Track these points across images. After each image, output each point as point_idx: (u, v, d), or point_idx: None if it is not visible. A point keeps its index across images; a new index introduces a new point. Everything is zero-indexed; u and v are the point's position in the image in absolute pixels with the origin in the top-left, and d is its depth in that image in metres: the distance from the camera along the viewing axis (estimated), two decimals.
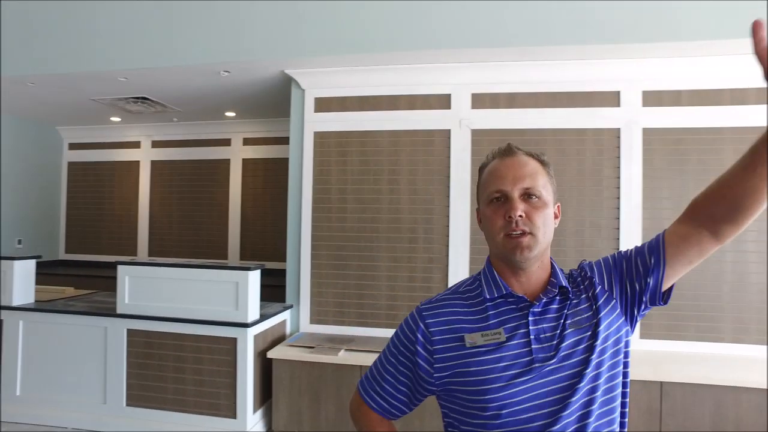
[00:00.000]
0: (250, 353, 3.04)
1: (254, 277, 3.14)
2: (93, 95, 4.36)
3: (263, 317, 3.19)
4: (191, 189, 5.52)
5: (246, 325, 3.01)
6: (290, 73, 3.49)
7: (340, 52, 3.15)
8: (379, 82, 3.37)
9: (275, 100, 4.16)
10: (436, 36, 2.98)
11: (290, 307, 3.55)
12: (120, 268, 3.29)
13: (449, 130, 3.28)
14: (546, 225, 0.95)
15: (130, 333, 3.20)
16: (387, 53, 3.10)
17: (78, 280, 4.77)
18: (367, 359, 2.92)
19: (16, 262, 3.48)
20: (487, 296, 0.97)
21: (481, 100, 3.25)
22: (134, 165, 5.71)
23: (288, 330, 3.55)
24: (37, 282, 3.73)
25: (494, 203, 0.97)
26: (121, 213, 5.70)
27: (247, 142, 5.38)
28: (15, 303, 3.43)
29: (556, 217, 1.00)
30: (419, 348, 0.98)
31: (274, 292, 3.94)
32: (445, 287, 3.23)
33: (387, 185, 3.37)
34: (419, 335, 0.98)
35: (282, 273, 3.77)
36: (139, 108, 4.76)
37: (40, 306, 3.47)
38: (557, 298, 0.96)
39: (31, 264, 3.59)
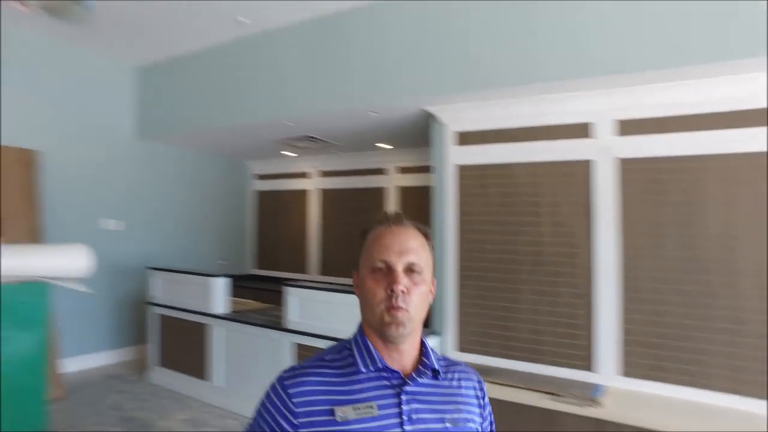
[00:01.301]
0: None
1: None
2: (270, 137, 5.11)
3: None
4: (352, 214, 6.05)
5: None
6: (429, 109, 3.68)
7: (477, 88, 3.24)
8: (517, 113, 3.36)
9: (421, 132, 4.40)
10: (577, 65, 2.89)
11: (436, 333, 3.71)
12: (284, 288, 3.82)
13: (592, 161, 3.12)
14: (422, 302, 0.95)
15: (295, 346, 3.68)
16: (525, 86, 3.10)
17: (263, 294, 5.56)
18: (507, 394, 2.93)
19: (217, 279, 4.24)
20: (362, 369, 0.93)
21: (627, 127, 3.04)
22: (306, 192, 6.47)
23: None
24: (233, 294, 4.50)
25: (377, 272, 0.95)
26: (295, 235, 6.51)
27: (400, 170, 5.73)
28: (217, 312, 4.19)
29: (431, 293, 0.99)
30: (282, 422, 0.90)
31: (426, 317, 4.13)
32: (590, 324, 3.08)
33: (528, 217, 3.33)
34: (282, 408, 0.91)
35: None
36: (306, 144, 5.42)
37: (233, 316, 4.18)
38: (428, 379, 0.96)
39: (228, 281, 4.33)
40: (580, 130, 3.17)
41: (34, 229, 4.11)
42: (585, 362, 3.08)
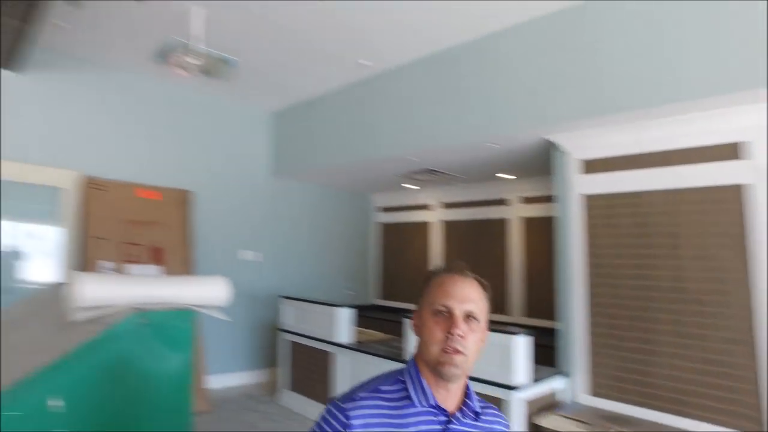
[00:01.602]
0: (518, 417, 3.09)
1: (523, 343, 3.20)
2: (393, 171, 5.29)
3: (534, 381, 3.19)
4: (474, 245, 5.97)
5: (512, 388, 3.09)
6: (550, 138, 3.53)
7: (602, 113, 3.05)
8: (648, 137, 3.08)
9: (543, 161, 4.24)
10: (726, 78, 2.58)
11: (562, 373, 3.45)
12: (405, 321, 3.84)
13: (746, 185, 2.73)
14: (476, 348, 1.05)
15: None
16: (657, 107, 2.84)
17: (386, 324, 5.66)
18: None
19: (342, 309, 4.43)
20: (416, 404, 1.02)
21: None
22: (427, 224, 6.54)
23: (561, 398, 3.45)
24: (357, 324, 4.64)
25: (438, 315, 1.05)
26: (417, 266, 6.57)
27: (523, 200, 5.54)
28: (341, 341, 4.36)
29: (483, 340, 1.08)
30: None
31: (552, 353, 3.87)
32: (757, 377, 2.63)
33: (665, 249, 3.00)
34: (341, 430, 0.98)
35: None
36: (427, 177, 5.51)
37: (357, 346, 4.30)
38: (470, 420, 1.05)
39: (352, 311, 4.50)
40: (729, 151, 2.81)
41: (187, 259, 4.68)
42: (753, 423, 2.62)
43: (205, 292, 2.05)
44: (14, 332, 2.25)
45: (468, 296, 1.07)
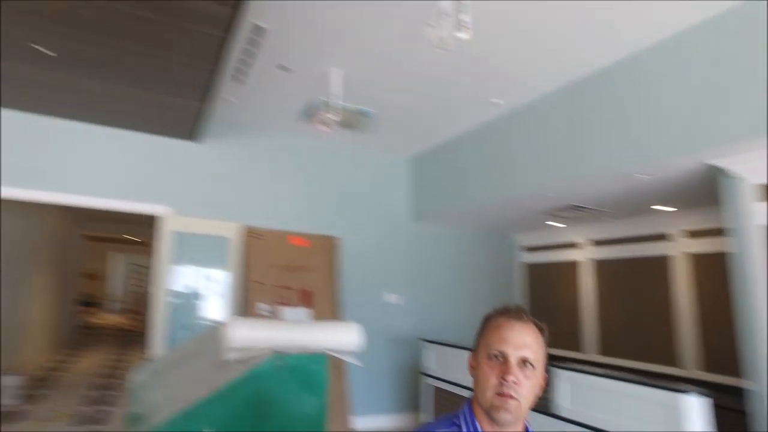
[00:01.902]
0: None
1: (698, 406, 2.70)
2: (533, 209, 5.05)
3: None
4: (631, 286, 5.34)
5: None
6: (715, 163, 3.06)
7: None
8: None
9: (708, 189, 3.68)
10: None
11: None
12: (551, 369, 3.53)
13: None
14: (531, 393, 1.04)
15: None
16: None
17: None
18: None
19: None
20: None
21: None
22: (577, 263, 6.06)
23: None
24: None
25: (493, 360, 1.05)
26: (568, 309, 6.08)
27: (688, 234, 4.84)
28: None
29: (540, 386, 1.06)
30: None
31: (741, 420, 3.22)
32: None
33: None
34: None
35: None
36: (572, 214, 5.14)
37: None
38: None
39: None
40: None
41: (334, 302, 4.94)
42: None
43: (340, 337, 2.14)
44: (181, 366, 2.57)
45: (523, 342, 1.06)
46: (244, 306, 4.55)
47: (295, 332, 2.28)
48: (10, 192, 4.20)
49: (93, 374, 7.37)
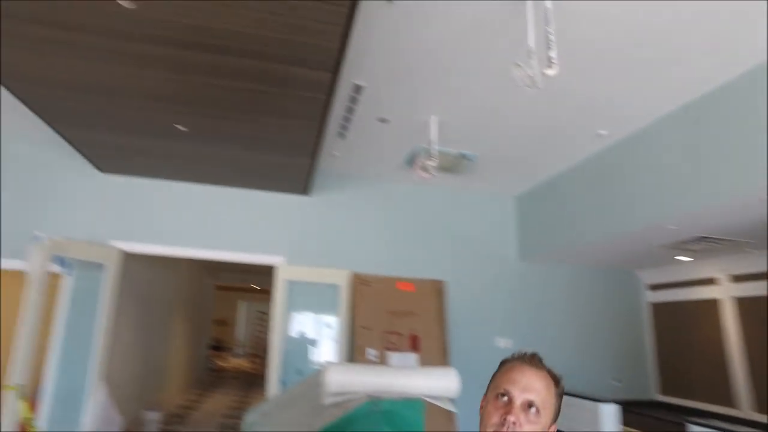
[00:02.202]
0: None
1: None
2: (654, 242, 4.63)
3: None
4: None
5: None
6: None
7: None
8: None
9: None
10: None
11: None
12: (689, 427, 3.12)
13: None
14: None
15: None
16: None
17: (663, 425, 4.72)
18: None
19: (605, 405, 3.92)
20: None
21: None
22: (716, 302, 5.39)
23: None
24: (628, 423, 4.01)
25: (499, 399, 1.09)
26: (708, 355, 5.38)
27: None
28: None
29: None
30: None
31: None
32: None
33: None
34: None
35: None
36: (702, 246, 4.63)
37: None
38: None
39: (616, 408, 3.93)
40: None
41: (442, 347, 4.88)
42: None
43: (436, 382, 2.11)
44: (286, 409, 2.70)
45: (531, 386, 1.09)
46: (352, 352, 4.66)
47: (392, 377, 2.29)
48: (156, 249, 4.82)
49: (219, 414, 7.94)
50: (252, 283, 13.93)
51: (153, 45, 2.62)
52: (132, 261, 5.08)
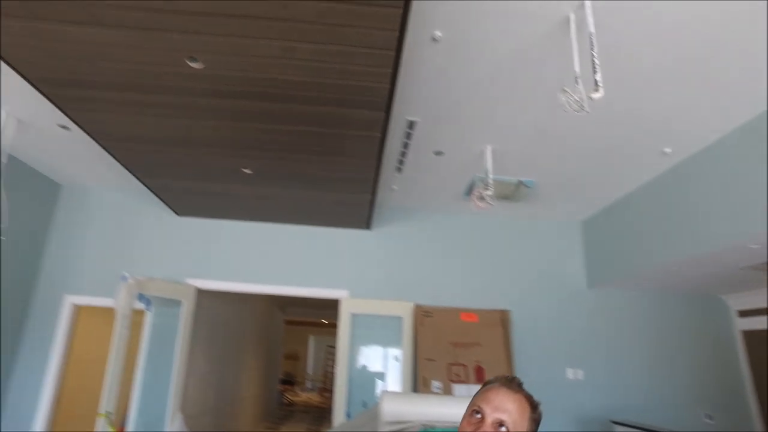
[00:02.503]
0: None
1: None
2: (737, 264, 4.32)
3: None
4: None
5: None
6: None
7: None
8: None
9: None
10: None
11: None
12: None
13: None
14: None
15: None
16: None
17: None
18: None
19: None
20: None
21: None
22: None
23: None
24: None
25: (473, 416, 1.18)
26: None
27: None
28: None
29: None
30: None
31: None
32: None
33: None
34: None
35: None
36: None
37: None
38: None
39: None
40: None
41: None
42: None
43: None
44: None
45: (503, 406, 1.16)
46: (418, 384, 4.63)
47: (447, 406, 2.29)
48: (227, 285, 5.10)
49: None
50: (321, 317, 14.21)
51: (220, 98, 2.87)
52: (206, 297, 5.39)
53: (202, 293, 5.12)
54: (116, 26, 2.27)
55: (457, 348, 4.80)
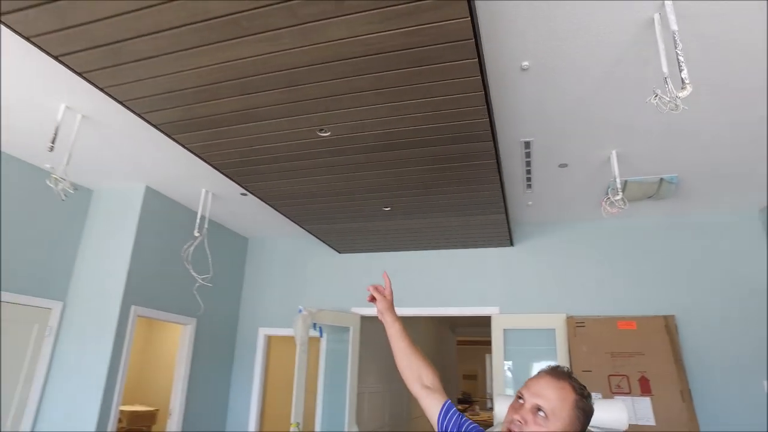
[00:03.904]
0: None
1: None
2: None
3: None
4: None
5: None
6: None
7: None
8: None
9: None
10: None
11: None
12: None
13: None
14: None
15: None
16: None
17: None
18: None
19: None
20: None
21: None
22: None
23: None
24: None
25: (516, 402, 1.24)
26: None
27: None
28: None
29: None
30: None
31: None
32: None
33: None
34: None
35: None
36: None
37: None
38: None
39: None
40: None
41: (680, 390, 4.38)
42: None
43: (604, 415, 2.11)
44: None
45: (541, 392, 1.20)
46: None
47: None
48: (404, 311, 5.65)
49: None
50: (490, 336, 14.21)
51: (352, 154, 3.44)
52: (372, 323, 6.03)
53: (365, 319, 5.76)
54: (268, 119, 2.97)
55: (616, 358, 4.62)
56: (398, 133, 3.15)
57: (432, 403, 1.50)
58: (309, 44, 2.26)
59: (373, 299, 1.76)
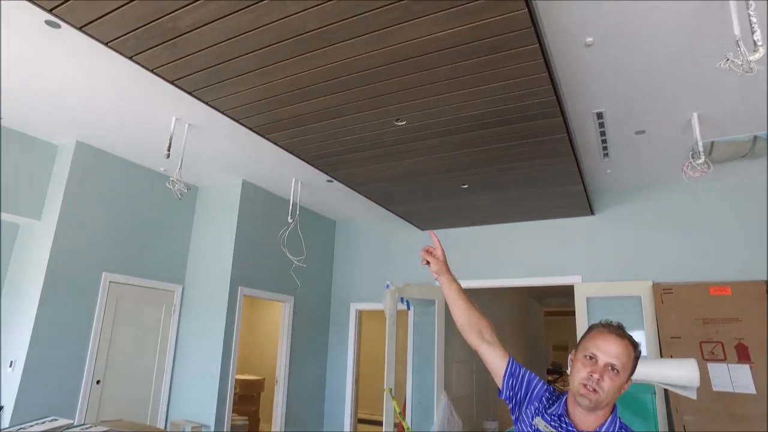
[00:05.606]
0: None
1: None
2: None
3: None
4: None
5: None
6: None
7: None
8: None
9: None
10: None
11: None
12: None
13: None
14: (611, 392, 1.32)
15: None
16: None
17: None
18: None
19: None
20: (557, 411, 1.42)
21: None
22: None
23: None
24: None
25: (586, 359, 1.36)
26: None
27: None
28: None
29: (623, 387, 1.36)
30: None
31: None
32: None
33: None
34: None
35: None
36: None
37: None
38: None
39: None
40: None
41: None
42: None
43: (674, 371, 2.19)
44: None
45: (613, 352, 1.34)
46: None
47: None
48: (470, 283, 5.84)
49: None
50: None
51: (427, 140, 3.67)
52: None
53: None
54: (349, 114, 3.28)
55: (708, 324, 4.52)
56: (469, 117, 3.33)
57: (496, 359, 1.59)
58: (383, 47, 2.52)
59: (427, 263, 1.75)
